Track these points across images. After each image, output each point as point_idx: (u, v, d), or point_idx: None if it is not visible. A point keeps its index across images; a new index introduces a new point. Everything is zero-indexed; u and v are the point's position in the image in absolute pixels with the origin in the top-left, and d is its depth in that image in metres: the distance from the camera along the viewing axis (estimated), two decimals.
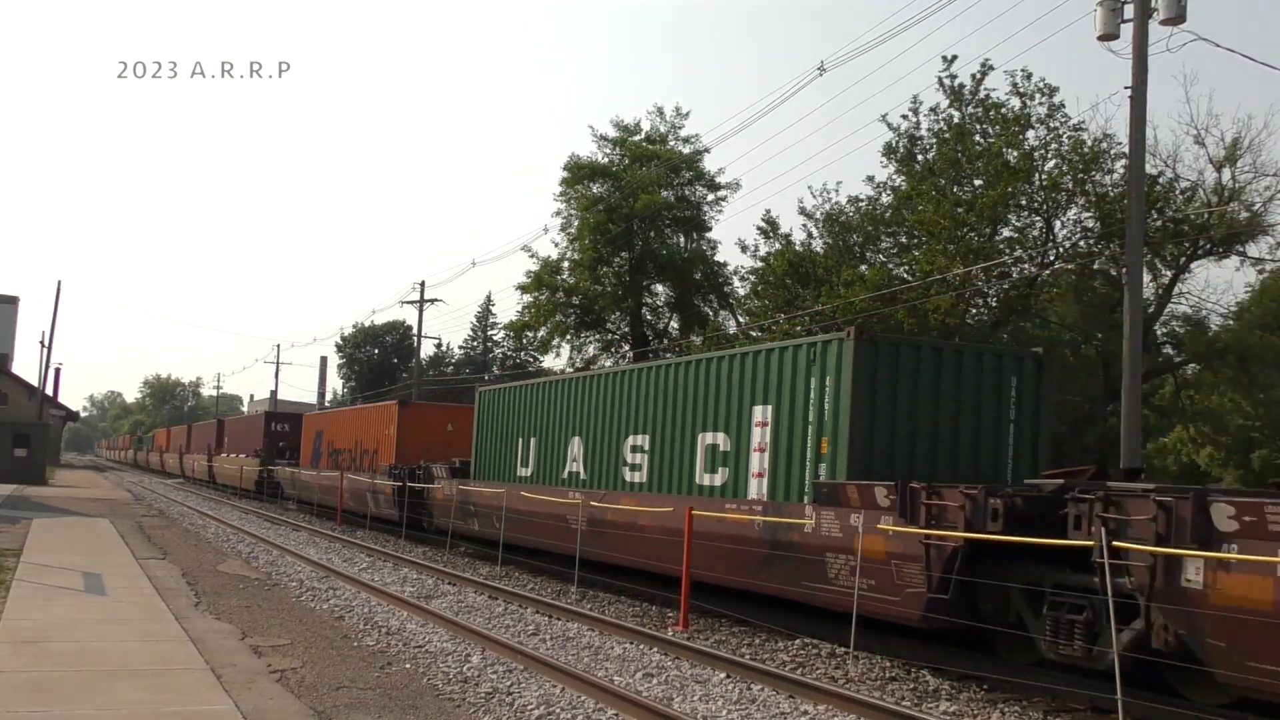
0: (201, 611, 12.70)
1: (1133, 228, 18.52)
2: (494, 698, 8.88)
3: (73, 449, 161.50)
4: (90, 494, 39.11)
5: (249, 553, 20.46)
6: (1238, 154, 27.13)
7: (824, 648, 11.94)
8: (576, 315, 43.04)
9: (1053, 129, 28.45)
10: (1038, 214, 29.18)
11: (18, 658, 9.20)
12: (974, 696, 9.77)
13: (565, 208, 43.68)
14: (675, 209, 42.39)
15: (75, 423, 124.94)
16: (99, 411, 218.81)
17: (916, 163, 30.77)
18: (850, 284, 28.85)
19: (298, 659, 10.10)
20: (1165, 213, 27.79)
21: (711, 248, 44.16)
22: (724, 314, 42.49)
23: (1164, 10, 17.94)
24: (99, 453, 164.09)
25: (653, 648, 11.53)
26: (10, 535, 20.13)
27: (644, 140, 43.53)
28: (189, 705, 7.91)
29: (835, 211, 33.56)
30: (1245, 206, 27.58)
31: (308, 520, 31.01)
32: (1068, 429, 30.92)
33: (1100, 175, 28.25)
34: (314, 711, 8.02)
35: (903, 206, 30.83)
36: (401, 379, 74.44)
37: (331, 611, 13.37)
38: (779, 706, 8.99)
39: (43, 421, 50.30)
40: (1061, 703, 9.45)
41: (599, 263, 42.05)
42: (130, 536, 21.87)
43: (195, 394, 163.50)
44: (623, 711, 8.48)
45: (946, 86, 29.54)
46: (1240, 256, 28.73)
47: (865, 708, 8.68)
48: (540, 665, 10.09)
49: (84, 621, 11.15)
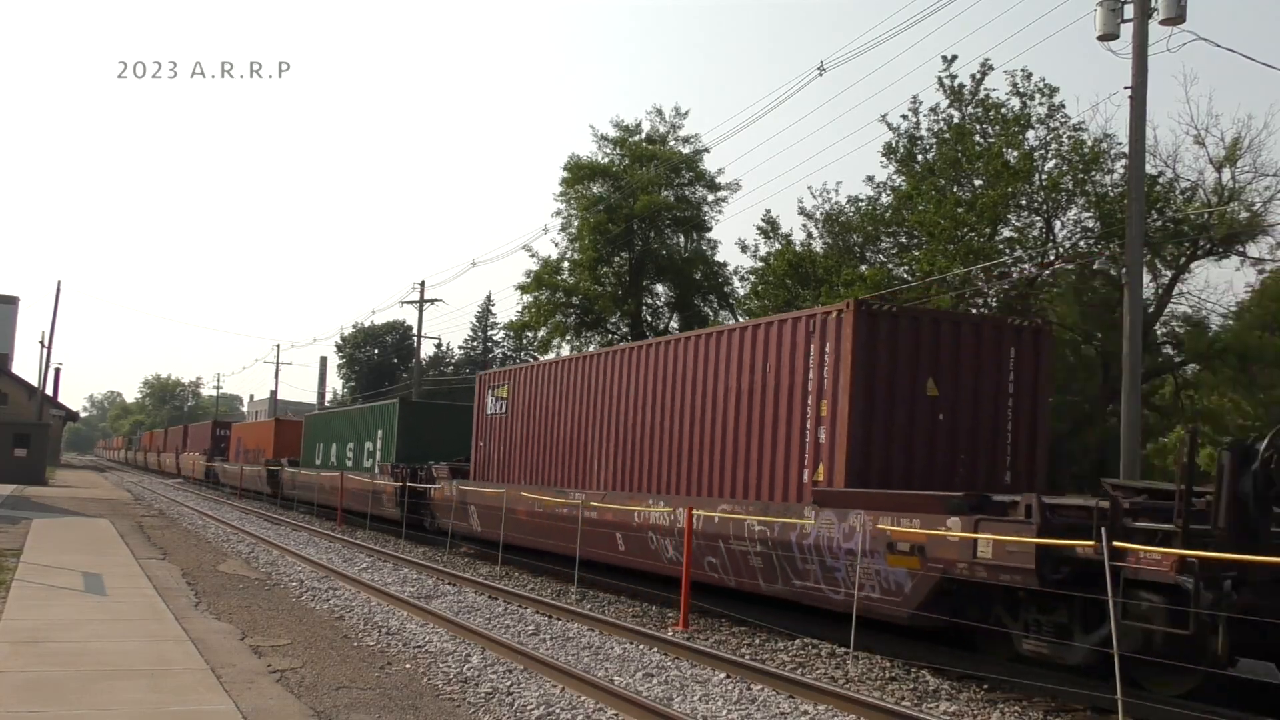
0: (201, 611, 12.70)
1: (1133, 228, 18.52)
2: (494, 698, 8.88)
3: (73, 449, 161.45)
4: (90, 494, 39.12)
5: (249, 553, 20.46)
6: (1238, 154, 27.11)
7: (824, 648, 11.94)
8: (576, 315, 43.04)
9: (1053, 129, 28.45)
10: (1038, 214, 29.18)
11: (18, 658, 9.19)
12: (974, 696, 9.77)
13: (565, 208, 43.74)
14: (675, 209, 42.39)
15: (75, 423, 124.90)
16: (99, 411, 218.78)
17: (916, 163, 30.77)
18: (850, 284, 28.85)
19: (298, 659, 10.10)
20: (1165, 213, 27.78)
21: (711, 248, 44.23)
22: (724, 314, 42.51)
23: (1164, 10, 17.95)
24: (99, 453, 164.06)
25: (653, 648, 11.53)
26: (10, 535, 20.13)
27: (644, 140, 43.53)
28: (189, 705, 7.91)
29: (835, 211, 33.57)
30: (1245, 206, 27.56)
31: (232, 498, 39.37)
32: (1067, 429, 30.92)
33: (1100, 175, 28.26)
34: (314, 711, 8.01)
35: (903, 206, 30.83)
36: (401, 379, 74.48)
37: (331, 611, 13.37)
38: (779, 706, 8.98)
39: (43, 421, 50.27)
40: (1061, 703, 9.44)
41: (599, 263, 42.05)
42: (130, 536, 21.87)
43: (195, 394, 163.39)
44: (623, 711, 8.48)
45: (946, 86, 29.54)
46: (1240, 256, 28.71)
47: (865, 708, 8.68)
48: (540, 665, 10.09)
49: (84, 621, 11.15)
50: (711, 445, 14.82)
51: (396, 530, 26.28)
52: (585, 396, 18.44)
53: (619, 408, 17.26)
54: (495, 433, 22.12)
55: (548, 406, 19.80)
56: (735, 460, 14.29)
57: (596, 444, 17.88)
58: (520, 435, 20.89)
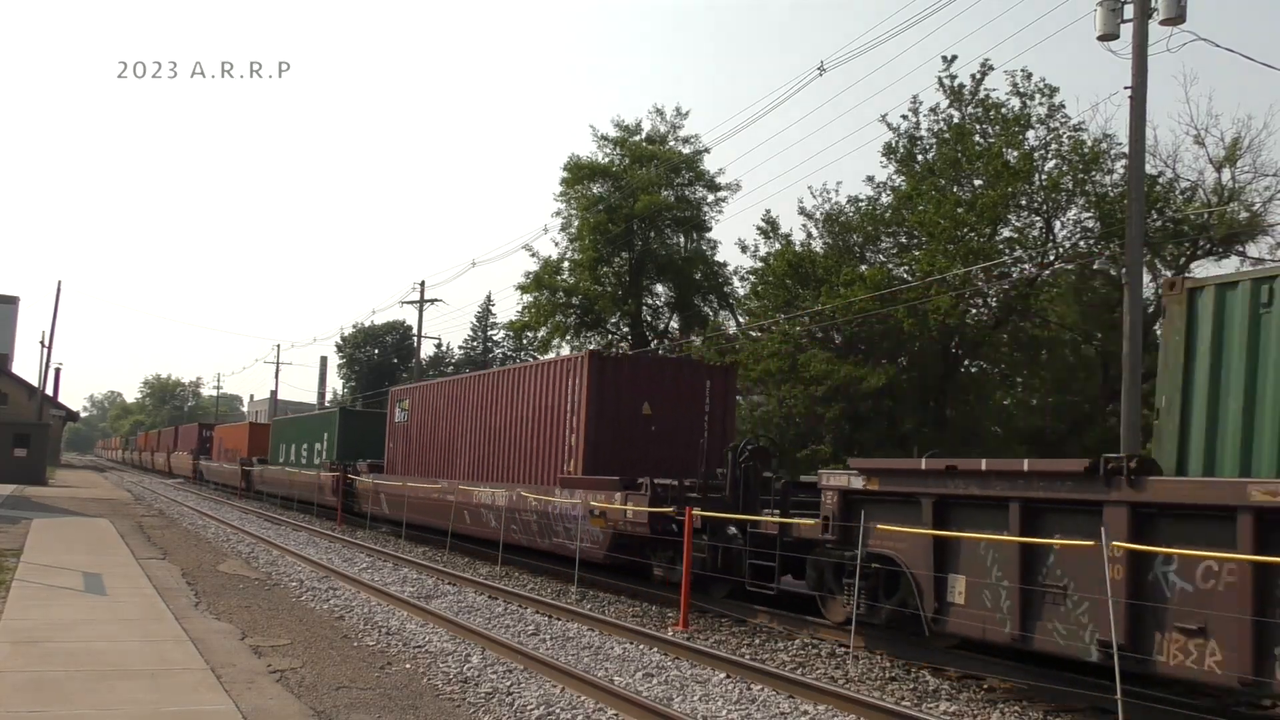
0: (201, 611, 12.70)
1: (1133, 228, 18.52)
2: (494, 698, 8.88)
3: (73, 449, 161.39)
4: (90, 494, 39.12)
5: (249, 553, 20.46)
6: (1238, 154, 27.13)
7: (824, 648, 11.95)
8: (576, 315, 43.03)
9: (1053, 129, 28.46)
10: (1038, 214, 29.18)
11: (18, 657, 9.20)
12: (974, 697, 9.78)
13: (565, 208, 43.73)
14: (675, 209, 42.37)
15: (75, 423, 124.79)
16: (99, 411, 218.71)
17: (916, 163, 30.78)
18: (850, 284, 28.85)
19: (298, 659, 10.10)
20: (1165, 213, 27.78)
21: (711, 248, 44.18)
22: (724, 314, 42.50)
23: (1164, 10, 17.95)
24: (98, 453, 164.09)
25: (653, 648, 11.54)
26: (10, 535, 20.13)
27: (644, 140, 43.52)
28: (189, 705, 7.91)
29: (835, 212, 33.56)
30: (1245, 206, 27.58)
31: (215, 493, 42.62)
32: (1067, 429, 30.92)
33: (1100, 175, 28.26)
34: (314, 711, 8.02)
35: (903, 206, 30.83)
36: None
37: (331, 611, 13.37)
38: (779, 706, 8.99)
39: (43, 421, 50.27)
40: (1061, 703, 9.45)
41: (599, 263, 42.04)
42: (130, 536, 21.87)
43: (195, 394, 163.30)
44: (623, 711, 8.48)
45: (946, 87, 29.54)
46: (1240, 256, 28.71)
47: (865, 708, 8.68)
48: (540, 665, 10.10)
49: (84, 621, 11.15)
50: (519, 446, 20.21)
51: (333, 514, 31.46)
52: (454, 410, 23.80)
53: (473, 419, 22.55)
54: (400, 436, 27.53)
55: (433, 417, 25.14)
56: (531, 457, 19.60)
57: (460, 445, 23.19)
58: (416, 438, 26.29)
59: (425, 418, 25.72)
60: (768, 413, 32.02)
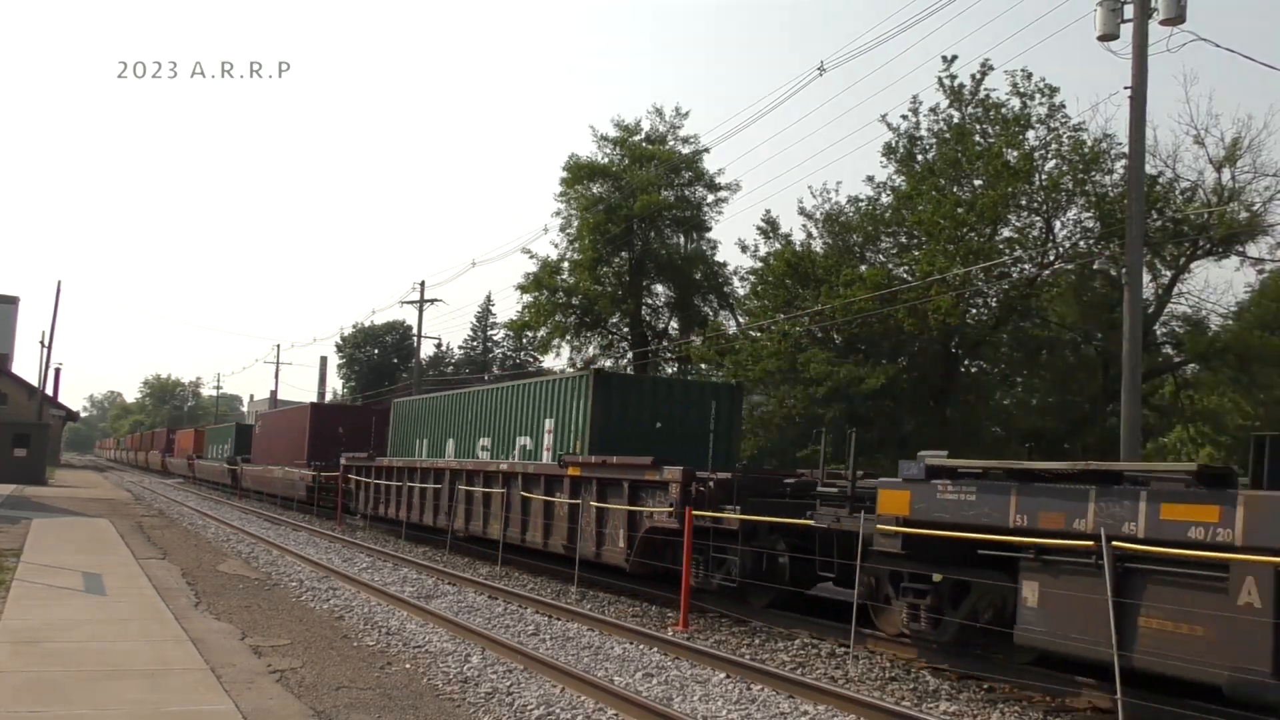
0: (201, 611, 12.70)
1: (1133, 228, 18.52)
2: (494, 698, 8.88)
3: (73, 449, 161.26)
4: (90, 494, 39.11)
5: (249, 553, 20.46)
6: (1237, 154, 27.15)
7: (824, 648, 11.95)
8: (576, 315, 43.02)
9: (1053, 129, 28.47)
10: (1038, 214, 29.20)
11: (18, 658, 9.20)
12: (974, 696, 9.78)
13: (565, 208, 43.72)
14: (675, 209, 42.36)
15: (75, 423, 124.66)
16: (99, 411, 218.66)
17: (916, 163, 30.79)
18: (850, 284, 28.86)
19: (298, 659, 10.10)
20: (1165, 213, 27.81)
21: (711, 248, 44.19)
22: (724, 314, 42.49)
23: (1164, 10, 17.95)
24: (98, 453, 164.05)
25: (653, 648, 11.53)
26: (10, 535, 20.13)
27: (644, 140, 43.51)
28: (189, 705, 7.91)
29: (835, 211, 33.58)
30: (1245, 206, 27.60)
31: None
32: (1067, 429, 30.93)
33: (1100, 175, 28.28)
34: (314, 711, 8.02)
35: (903, 206, 30.84)
36: (401, 379, 74.40)
37: (331, 611, 13.37)
38: (779, 706, 8.99)
39: (43, 421, 50.26)
40: (1061, 703, 9.45)
41: (599, 263, 42.02)
42: (130, 536, 21.86)
43: (195, 394, 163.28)
44: (623, 711, 8.48)
45: (946, 86, 29.55)
46: (1240, 256, 28.76)
47: (865, 708, 8.68)
48: (540, 665, 10.09)
49: (84, 621, 11.14)
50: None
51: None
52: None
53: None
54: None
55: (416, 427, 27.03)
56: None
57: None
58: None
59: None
60: (768, 413, 32.03)
